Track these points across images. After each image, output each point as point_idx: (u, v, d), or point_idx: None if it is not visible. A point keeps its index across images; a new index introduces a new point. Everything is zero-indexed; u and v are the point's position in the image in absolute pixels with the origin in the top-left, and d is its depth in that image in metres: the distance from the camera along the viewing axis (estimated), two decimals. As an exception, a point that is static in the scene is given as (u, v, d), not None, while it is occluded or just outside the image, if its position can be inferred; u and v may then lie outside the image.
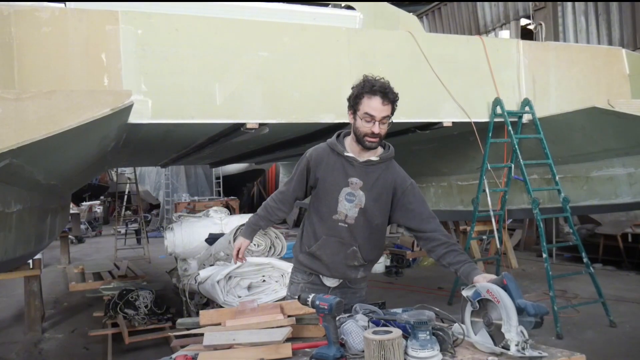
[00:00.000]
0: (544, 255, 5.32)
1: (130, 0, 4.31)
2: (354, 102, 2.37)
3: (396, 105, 2.37)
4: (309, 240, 2.53)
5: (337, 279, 2.54)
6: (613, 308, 5.40)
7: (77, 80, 3.47)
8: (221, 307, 4.22)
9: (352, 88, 2.40)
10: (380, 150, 2.48)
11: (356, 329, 1.95)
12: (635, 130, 4.76)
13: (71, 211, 12.70)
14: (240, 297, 4.35)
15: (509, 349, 1.76)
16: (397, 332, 1.74)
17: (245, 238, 2.63)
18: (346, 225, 2.44)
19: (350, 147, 2.46)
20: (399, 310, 2.10)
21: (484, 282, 2.04)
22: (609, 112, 4.57)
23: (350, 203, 2.42)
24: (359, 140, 2.39)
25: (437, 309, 1.97)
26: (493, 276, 2.08)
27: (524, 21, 11.29)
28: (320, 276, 2.54)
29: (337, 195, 2.43)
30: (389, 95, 2.31)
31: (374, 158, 2.44)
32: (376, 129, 2.32)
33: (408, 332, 1.83)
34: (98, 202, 20.45)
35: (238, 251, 2.60)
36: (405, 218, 2.48)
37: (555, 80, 5.44)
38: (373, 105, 2.30)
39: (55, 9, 3.52)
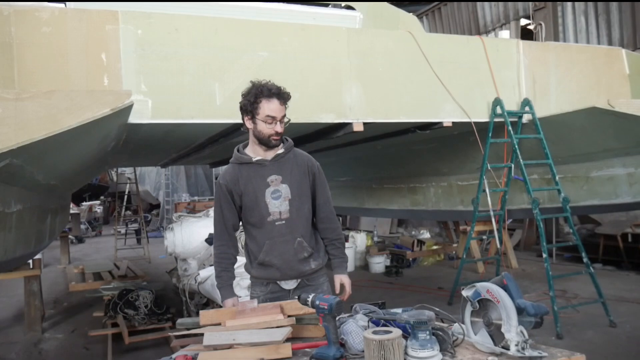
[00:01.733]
0: (544, 255, 5.32)
1: (130, 0, 4.30)
2: (252, 108, 2.47)
3: (288, 105, 2.53)
4: (255, 253, 2.59)
5: (294, 279, 2.59)
6: (613, 308, 5.40)
7: (77, 80, 3.46)
8: (221, 307, 4.22)
9: (244, 95, 2.50)
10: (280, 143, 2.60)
11: (356, 329, 1.95)
12: (635, 130, 4.75)
13: (71, 211, 12.70)
14: (240, 297, 4.34)
15: (509, 349, 1.76)
16: (397, 332, 1.74)
17: (231, 297, 2.61)
18: (284, 222, 2.53)
19: (255, 152, 2.56)
20: (399, 310, 2.10)
21: (337, 282, 2.64)
22: (609, 112, 4.57)
23: (277, 200, 2.52)
24: (264, 142, 2.50)
25: (437, 309, 1.97)
26: (345, 279, 2.63)
27: (524, 21, 11.28)
28: (278, 282, 2.59)
29: (264, 198, 2.52)
30: (284, 97, 2.48)
31: (280, 151, 2.56)
32: (279, 128, 2.48)
33: (408, 332, 1.83)
34: (98, 202, 20.46)
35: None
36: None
37: (555, 80, 5.44)
38: (273, 107, 2.45)
39: (55, 9, 3.51)
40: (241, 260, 2.76)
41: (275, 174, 2.53)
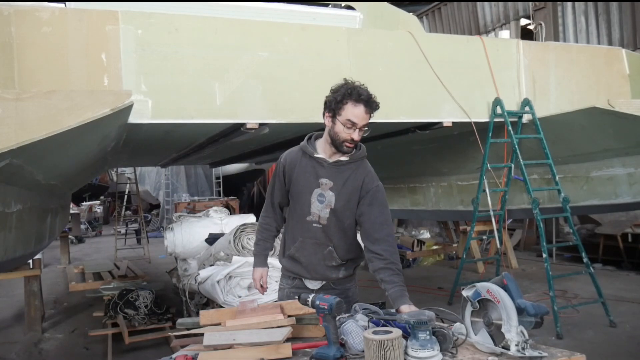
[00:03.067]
0: (544, 255, 5.32)
1: (130, 0, 4.30)
2: (335, 107, 2.35)
3: (373, 115, 2.39)
4: (289, 244, 2.57)
5: (318, 281, 2.55)
6: (613, 308, 5.40)
7: (77, 80, 3.46)
8: (221, 307, 4.22)
9: (332, 91, 2.38)
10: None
11: (356, 329, 1.95)
12: (635, 130, 4.75)
13: (71, 211, 12.70)
14: (240, 297, 4.35)
15: (509, 349, 1.76)
16: (397, 332, 1.74)
17: (262, 266, 2.61)
18: (320, 226, 2.47)
19: (322, 149, 2.48)
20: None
21: (408, 311, 2.04)
22: (609, 112, 4.57)
23: (321, 204, 2.45)
24: (336, 144, 2.39)
25: (442, 309, 1.98)
26: (417, 309, 2.04)
27: (524, 21, 11.29)
28: (303, 279, 2.56)
29: (309, 196, 2.46)
30: (372, 106, 2.34)
31: (343, 158, 2.45)
32: (356, 136, 2.34)
33: (408, 332, 1.83)
34: (98, 202, 20.47)
35: (260, 283, 2.58)
36: (359, 219, 2.48)
37: (555, 80, 5.43)
38: (357, 112, 2.31)
39: (55, 9, 3.51)
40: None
41: (328, 178, 2.43)
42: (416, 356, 1.75)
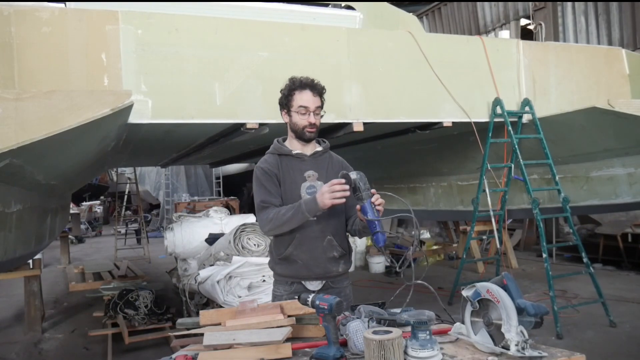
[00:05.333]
0: (544, 255, 5.32)
1: (130, 0, 4.30)
2: (286, 101, 2.51)
3: (324, 99, 2.53)
4: (282, 247, 2.53)
5: (319, 281, 2.54)
6: (613, 308, 5.41)
7: (77, 80, 3.46)
8: (221, 307, 4.22)
9: (281, 91, 2.54)
10: (317, 144, 2.62)
11: (363, 329, 1.94)
12: (635, 130, 4.76)
13: (71, 211, 12.71)
14: (240, 297, 4.35)
15: (509, 349, 1.76)
16: (397, 332, 1.74)
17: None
18: (315, 218, 2.47)
19: (293, 147, 2.57)
20: (398, 311, 2.10)
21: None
22: (609, 112, 4.57)
23: (311, 196, 2.45)
24: (299, 134, 2.51)
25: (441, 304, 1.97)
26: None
27: (524, 21, 11.29)
28: (303, 282, 2.54)
29: (299, 191, 2.50)
30: (317, 88, 2.50)
31: (318, 149, 2.59)
32: (312, 119, 2.48)
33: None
34: (98, 202, 20.49)
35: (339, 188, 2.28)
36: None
37: (555, 80, 5.44)
38: (305, 97, 2.47)
39: (55, 9, 3.52)
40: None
41: (312, 169, 2.53)
42: (416, 356, 1.75)
